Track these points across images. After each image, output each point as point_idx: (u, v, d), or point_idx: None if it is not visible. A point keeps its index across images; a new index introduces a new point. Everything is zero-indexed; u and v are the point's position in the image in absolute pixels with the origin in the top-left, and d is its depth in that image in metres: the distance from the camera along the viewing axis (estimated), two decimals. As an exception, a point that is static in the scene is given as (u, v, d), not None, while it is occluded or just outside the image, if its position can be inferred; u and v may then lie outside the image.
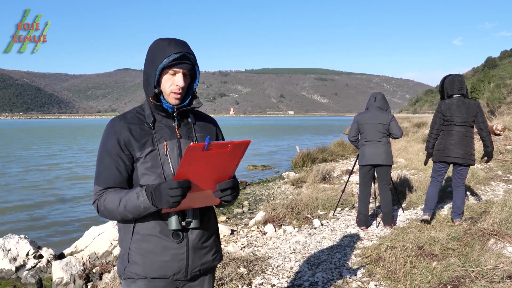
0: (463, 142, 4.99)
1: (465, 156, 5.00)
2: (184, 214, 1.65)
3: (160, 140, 1.68)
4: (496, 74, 47.23)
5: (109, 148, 1.68)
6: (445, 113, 5.04)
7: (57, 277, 4.80)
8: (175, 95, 1.67)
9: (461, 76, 5.23)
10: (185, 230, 1.67)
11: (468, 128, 5.02)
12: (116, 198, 1.61)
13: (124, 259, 1.71)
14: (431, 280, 3.60)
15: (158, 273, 1.67)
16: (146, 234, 1.67)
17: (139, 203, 1.55)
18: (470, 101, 5.07)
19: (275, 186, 10.76)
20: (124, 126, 1.68)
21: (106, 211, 1.64)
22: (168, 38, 1.67)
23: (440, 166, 5.21)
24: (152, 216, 1.63)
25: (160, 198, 1.48)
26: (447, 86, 5.14)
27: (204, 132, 1.80)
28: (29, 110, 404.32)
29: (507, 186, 7.77)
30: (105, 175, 1.67)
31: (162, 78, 1.66)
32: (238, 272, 4.07)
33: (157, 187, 1.51)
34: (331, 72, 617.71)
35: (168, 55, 1.60)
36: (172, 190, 1.44)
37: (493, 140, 14.22)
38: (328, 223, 6.12)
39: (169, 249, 1.66)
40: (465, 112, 4.98)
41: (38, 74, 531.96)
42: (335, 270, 4.21)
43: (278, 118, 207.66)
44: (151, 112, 1.72)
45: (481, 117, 5.01)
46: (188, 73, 1.68)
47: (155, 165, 1.66)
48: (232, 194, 1.56)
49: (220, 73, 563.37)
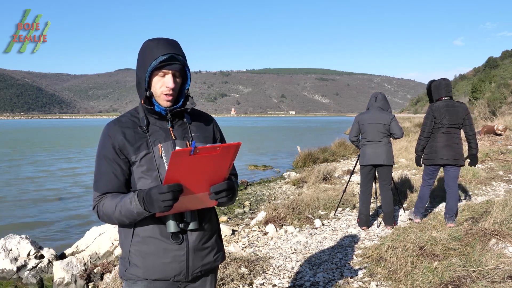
0: (452, 144, 5.11)
1: (455, 157, 5.10)
2: (182, 216, 1.64)
3: (155, 143, 1.67)
4: (497, 74, 47.21)
5: (105, 153, 1.67)
6: (436, 116, 5.13)
7: (58, 277, 4.81)
8: (166, 96, 1.66)
9: (447, 80, 5.34)
10: (184, 231, 1.67)
11: (456, 130, 5.15)
12: (112, 203, 1.61)
13: (125, 261, 1.71)
14: (432, 280, 3.59)
15: (159, 275, 1.67)
16: (146, 236, 1.66)
17: (132, 208, 1.55)
18: (459, 105, 5.19)
19: (276, 186, 10.76)
20: (118, 130, 1.68)
21: (105, 216, 1.65)
22: (157, 38, 1.65)
23: (431, 170, 5.31)
24: (151, 218, 1.62)
25: (152, 203, 1.48)
26: (434, 90, 5.27)
27: (200, 132, 1.79)
28: (30, 110, 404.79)
29: (508, 186, 7.76)
30: (103, 181, 1.66)
31: (152, 80, 1.65)
32: (239, 272, 4.07)
33: (147, 192, 1.50)
34: (332, 72, 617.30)
35: (156, 57, 1.59)
36: (162, 195, 1.44)
37: (494, 140, 14.23)
38: (329, 223, 6.12)
39: (169, 251, 1.66)
40: (454, 115, 5.09)
41: (39, 74, 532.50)
42: (336, 270, 4.21)
43: (279, 118, 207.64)
44: (145, 115, 1.71)
45: (469, 120, 5.14)
46: (178, 74, 1.66)
47: (150, 168, 1.65)
48: (227, 196, 1.55)
49: (221, 73, 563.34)
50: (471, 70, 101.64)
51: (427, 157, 5.26)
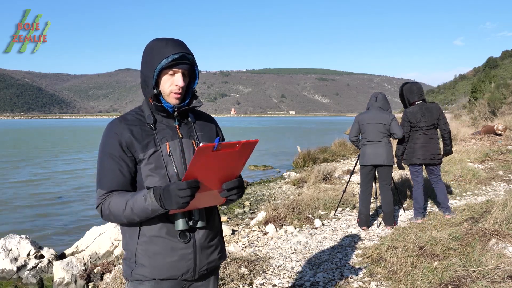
0: (429, 144, 5.42)
1: (432, 156, 5.42)
2: (190, 214, 1.64)
3: (162, 141, 1.67)
4: (497, 74, 47.17)
5: (110, 150, 1.66)
6: (412, 121, 5.42)
7: (58, 277, 4.81)
8: (175, 95, 1.66)
9: (418, 83, 5.72)
10: (192, 230, 1.67)
11: (432, 131, 5.47)
12: (122, 201, 1.58)
13: (131, 262, 1.70)
14: (432, 280, 3.59)
15: (167, 274, 1.67)
16: (153, 236, 1.65)
17: (147, 205, 1.53)
18: (432, 105, 5.51)
19: (276, 186, 10.76)
20: (125, 128, 1.67)
21: (111, 215, 1.62)
22: (165, 38, 1.66)
23: (415, 168, 5.57)
24: (158, 217, 1.61)
25: (170, 199, 1.47)
26: (407, 94, 5.57)
27: (204, 131, 1.80)
28: (30, 110, 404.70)
29: (508, 186, 7.77)
30: (108, 178, 1.64)
31: (161, 79, 1.65)
32: (239, 272, 4.07)
33: (165, 188, 1.49)
34: (332, 72, 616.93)
35: (166, 56, 1.60)
36: (181, 191, 1.44)
37: (494, 140, 14.25)
38: (329, 223, 6.12)
39: (176, 250, 1.66)
40: (429, 117, 5.40)
41: (39, 74, 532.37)
42: (336, 270, 4.21)
43: (279, 118, 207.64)
44: (151, 113, 1.71)
45: (443, 119, 5.47)
46: (187, 73, 1.67)
47: (158, 166, 1.65)
48: (237, 193, 1.56)
49: (221, 73, 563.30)
50: (471, 70, 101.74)
51: (406, 157, 5.57)
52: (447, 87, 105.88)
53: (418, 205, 5.58)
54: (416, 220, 5.53)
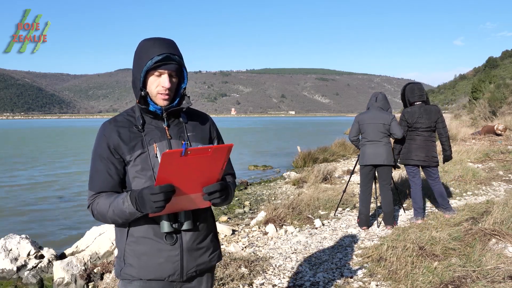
0: (425, 146, 5.39)
1: (427, 159, 5.39)
2: (176, 216, 1.64)
3: (150, 142, 1.67)
4: (497, 74, 47.14)
5: (100, 152, 1.68)
6: (409, 121, 5.41)
7: (58, 277, 4.81)
8: (162, 96, 1.66)
9: (420, 84, 5.66)
10: (178, 232, 1.66)
11: (430, 133, 5.42)
12: (106, 203, 1.61)
13: (121, 261, 1.72)
14: (432, 280, 3.59)
15: (153, 275, 1.67)
16: (140, 236, 1.67)
17: (125, 208, 1.55)
18: (431, 107, 5.46)
19: (276, 186, 10.76)
20: (113, 130, 1.68)
21: (99, 215, 1.65)
22: (153, 38, 1.65)
23: (410, 169, 5.57)
24: (145, 219, 1.62)
25: (144, 204, 1.48)
26: (408, 94, 5.53)
27: (196, 132, 1.78)
28: (30, 110, 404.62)
29: (508, 186, 7.76)
30: (97, 180, 1.67)
31: (148, 80, 1.65)
32: (239, 272, 4.07)
33: (139, 192, 1.50)
34: (332, 72, 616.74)
35: (151, 57, 1.59)
36: (154, 196, 1.44)
37: (494, 140, 14.25)
38: (329, 223, 6.12)
39: (163, 251, 1.66)
40: (427, 118, 5.37)
41: (39, 74, 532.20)
42: (336, 270, 4.21)
43: (279, 118, 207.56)
44: (141, 114, 1.70)
45: (442, 122, 5.41)
46: (174, 74, 1.65)
47: (145, 168, 1.65)
48: (220, 197, 1.55)
49: (221, 73, 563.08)
50: (471, 70, 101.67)
51: (402, 157, 5.55)
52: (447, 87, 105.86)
53: (417, 206, 5.58)
54: (416, 220, 5.54)
